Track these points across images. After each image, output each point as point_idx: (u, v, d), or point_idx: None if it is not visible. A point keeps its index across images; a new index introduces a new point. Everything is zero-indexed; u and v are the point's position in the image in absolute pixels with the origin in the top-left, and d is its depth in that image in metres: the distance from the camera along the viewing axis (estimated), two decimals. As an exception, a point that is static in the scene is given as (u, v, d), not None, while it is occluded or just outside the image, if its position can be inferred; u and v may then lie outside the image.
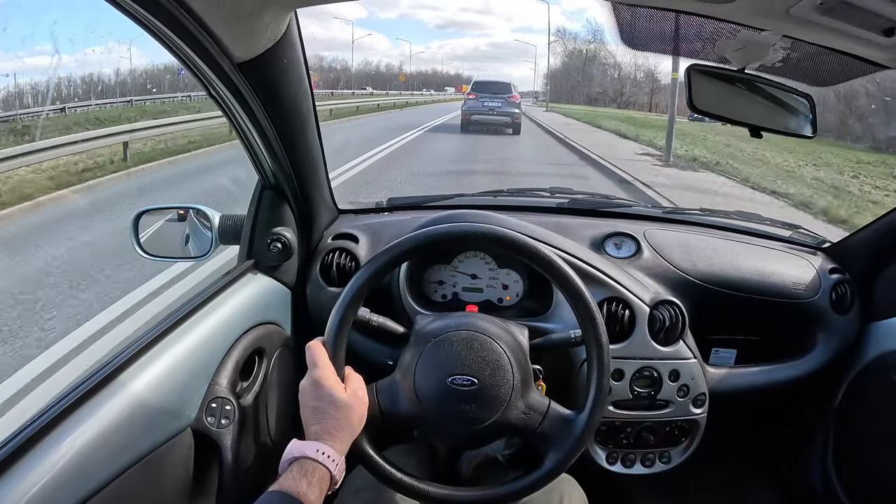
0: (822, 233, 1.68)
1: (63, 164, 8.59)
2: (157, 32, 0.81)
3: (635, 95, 52.10)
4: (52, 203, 7.19)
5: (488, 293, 1.45)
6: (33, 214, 6.78)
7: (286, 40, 0.99)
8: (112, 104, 18.81)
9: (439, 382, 1.00)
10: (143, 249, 1.36)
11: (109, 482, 0.82)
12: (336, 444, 0.89)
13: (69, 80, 25.74)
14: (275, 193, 1.30)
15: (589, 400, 1.03)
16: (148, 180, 8.78)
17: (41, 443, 0.77)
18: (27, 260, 5.15)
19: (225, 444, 1.06)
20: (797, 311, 1.49)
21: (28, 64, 30.22)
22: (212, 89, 0.99)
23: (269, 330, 1.26)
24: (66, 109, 16.60)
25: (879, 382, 1.44)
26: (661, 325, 1.35)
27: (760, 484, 1.77)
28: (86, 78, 26.78)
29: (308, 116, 1.19)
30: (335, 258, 1.42)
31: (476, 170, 9.87)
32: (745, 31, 0.84)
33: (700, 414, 1.37)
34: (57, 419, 0.80)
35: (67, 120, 14.78)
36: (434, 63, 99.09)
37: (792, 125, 0.96)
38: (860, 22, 0.68)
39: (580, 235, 1.49)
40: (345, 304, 1.01)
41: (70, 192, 7.66)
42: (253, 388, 1.17)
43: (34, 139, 9.51)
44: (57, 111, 15.86)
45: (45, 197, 7.23)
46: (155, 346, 0.98)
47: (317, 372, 0.94)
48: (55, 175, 8.04)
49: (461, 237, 1.08)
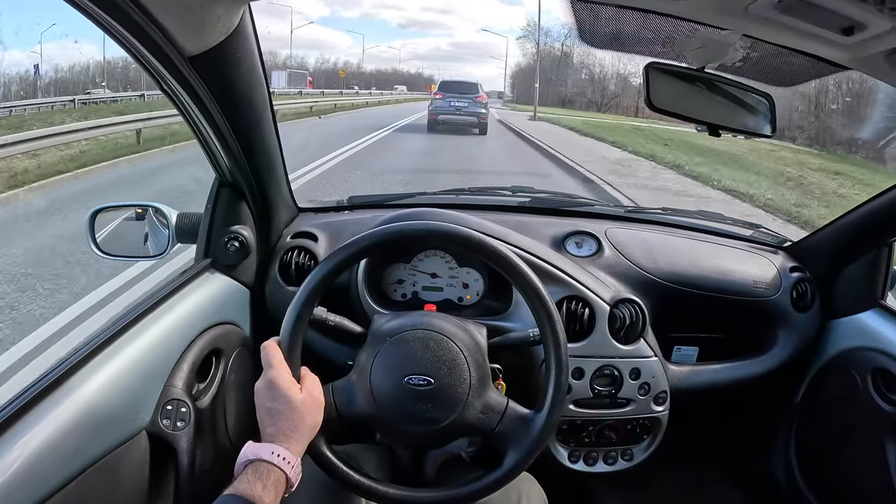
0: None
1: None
2: (106, 25, 0.78)
3: (618, 97, 45.30)
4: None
5: (448, 292, 1.45)
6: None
7: (239, 34, 0.96)
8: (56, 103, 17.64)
9: (395, 382, 0.99)
10: (100, 248, 1.33)
11: (62, 487, 0.80)
12: (292, 445, 0.88)
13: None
14: (232, 191, 1.28)
15: (547, 399, 1.02)
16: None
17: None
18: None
19: (181, 447, 1.04)
20: (758, 309, 1.50)
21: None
22: (164, 84, 0.97)
23: (227, 330, 1.24)
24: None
25: (840, 378, 1.46)
26: (621, 324, 1.36)
27: (724, 480, 1.79)
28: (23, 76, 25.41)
29: (263, 112, 1.17)
30: (294, 257, 1.40)
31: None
32: (704, 29, 0.83)
33: (661, 412, 1.38)
34: (6, 423, 0.78)
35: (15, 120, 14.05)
36: (394, 62, 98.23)
37: (751, 124, 0.96)
38: (819, 21, 0.67)
39: (541, 234, 1.49)
40: (300, 303, 1.00)
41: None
42: (210, 390, 1.15)
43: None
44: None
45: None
46: (108, 347, 0.95)
47: (272, 372, 0.93)
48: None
49: (417, 235, 1.07)
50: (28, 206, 7.15)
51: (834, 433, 1.47)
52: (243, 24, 0.96)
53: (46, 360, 3.15)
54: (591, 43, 0.98)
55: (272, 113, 1.21)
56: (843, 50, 0.74)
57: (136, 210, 1.38)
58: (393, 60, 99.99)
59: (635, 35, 0.92)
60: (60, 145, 9.74)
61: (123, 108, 15.28)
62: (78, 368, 0.89)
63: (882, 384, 1.35)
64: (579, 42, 45.38)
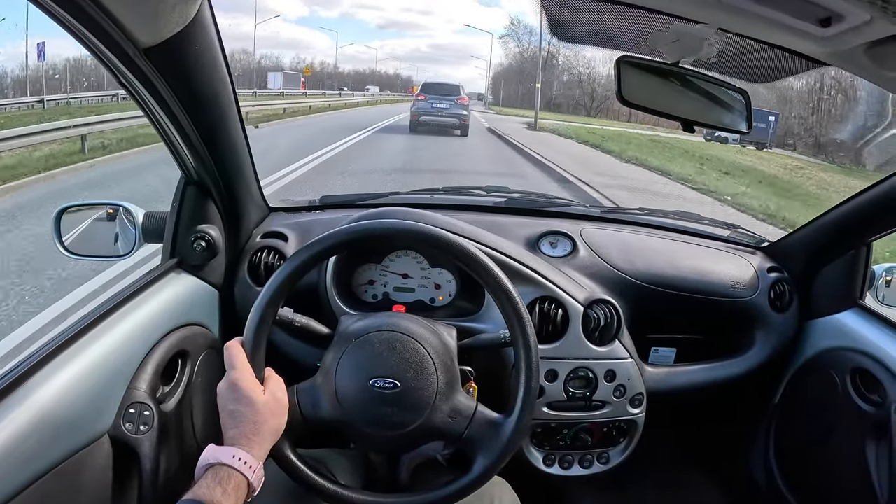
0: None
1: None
2: (59, 17, 0.76)
3: (608, 100, 40.34)
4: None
5: (420, 293, 1.43)
6: None
7: (197, 24, 0.93)
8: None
9: (360, 385, 0.98)
10: (67, 248, 1.30)
11: (18, 492, 0.78)
12: (254, 449, 0.86)
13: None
14: (198, 189, 1.25)
15: (517, 403, 1.01)
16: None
17: None
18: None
19: (144, 452, 1.01)
20: (736, 310, 1.50)
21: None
22: (121, 78, 0.94)
23: (194, 332, 1.21)
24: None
25: (818, 379, 1.46)
26: (595, 325, 1.34)
27: (703, 481, 1.79)
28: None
29: (228, 107, 1.14)
30: (263, 257, 1.38)
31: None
32: (678, 23, 0.81)
33: (638, 414, 1.37)
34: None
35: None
36: (372, 62, 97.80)
37: (727, 120, 0.94)
38: (795, 11, 0.65)
39: (515, 234, 1.47)
40: (263, 303, 0.98)
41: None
42: (176, 393, 1.13)
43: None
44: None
45: None
46: (68, 348, 0.93)
47: (234, 374, 0.91)
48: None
49: (385, 234, 1.06)
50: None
51: (813, 433, 1.47)
52: (201, 15, 0.93)
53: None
54: (564, 38, 0.96)
55: (238, 110, 1.18)
56: (820, 43, 0.72)
57: (108, 210, 1.35)
58: (370, 61, 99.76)
59: (608, 29, 0.91)
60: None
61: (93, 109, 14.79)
62: (37, 370, 0.87)
63: (861, 384, 1.35)
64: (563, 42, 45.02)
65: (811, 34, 0.69)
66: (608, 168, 12.64)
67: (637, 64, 0.88)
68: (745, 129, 0.96)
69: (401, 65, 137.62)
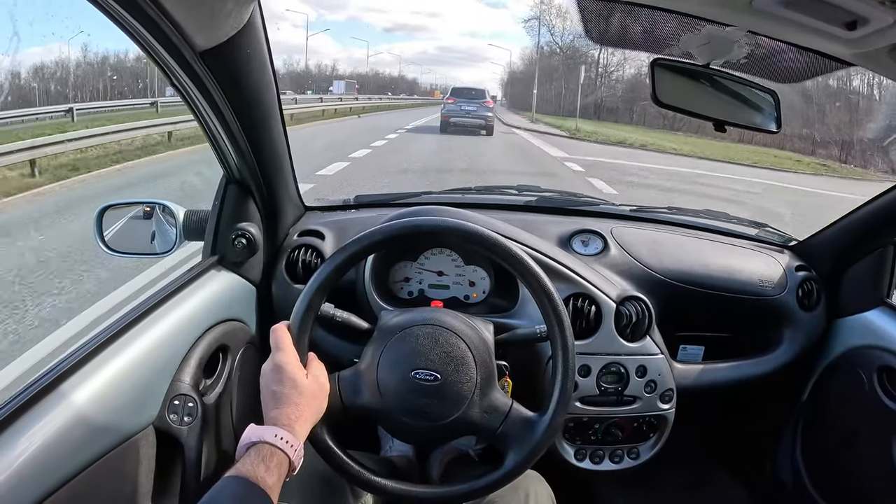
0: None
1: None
2: (118, 18, 0.79)
3: (644, 103, 26.95)
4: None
5: (455, 290, 1.45)
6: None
7: (249, 29, 0.97)
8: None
9: (402, 376, 0.99)
10: (107, 245, 1.33)
11: (69, 480, 0.81)
12: (295, 429, 0.88)
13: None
14: (239, 188, 1.28)
15: (552, 402, 1.02)
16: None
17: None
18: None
19: (188, 442, 1.04)
20: (764, 308, 1.50)
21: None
22: (174, 79, 0.97)
23: (234, 327, 1.24)
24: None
25: (846, 378, 1.45)
26: (627, 321, 1.36)
27: (729, 479, 1.78)
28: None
29: (272, 108, 1.17)
30: (301, 255, 1.41)
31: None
32: (709, 26, 0.83)
33: (668, 409, 1.37)
34: (13, 415, 0.78)
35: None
36: (378, 66, 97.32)
37: (756, 120, 0.96)
38: (822, 15, 0.68)
39: (547, 233, 1.49)
40: (312, 290, 0.99)
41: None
42: (217, 386, 1.16)
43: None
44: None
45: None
46: (115, 341, 0.95)
47: (279, 355, 0.93)
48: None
49: (428, 231, 1.07)
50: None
51: (840, 432, 1.47)
52: (253, 20, 0.97)
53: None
54: (598, 41, 1.00)
55: (281, 112, 1.22)
56: (846, 45, 0.75)
57: (145, 208, 1.38)
58: (378, 64, 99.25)
59: (641, 32, 0.93)
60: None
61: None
62: (86, 362, 0.89)
63: (888, 383, 1.35)
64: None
65: (838, 36, 0.72)
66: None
67: (669, 66, 0.90)
68: (775, 129, 0.98)
69: (409, 68, 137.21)
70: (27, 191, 7.41)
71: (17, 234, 5.87)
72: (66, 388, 0.85)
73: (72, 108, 13.29)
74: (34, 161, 8.06)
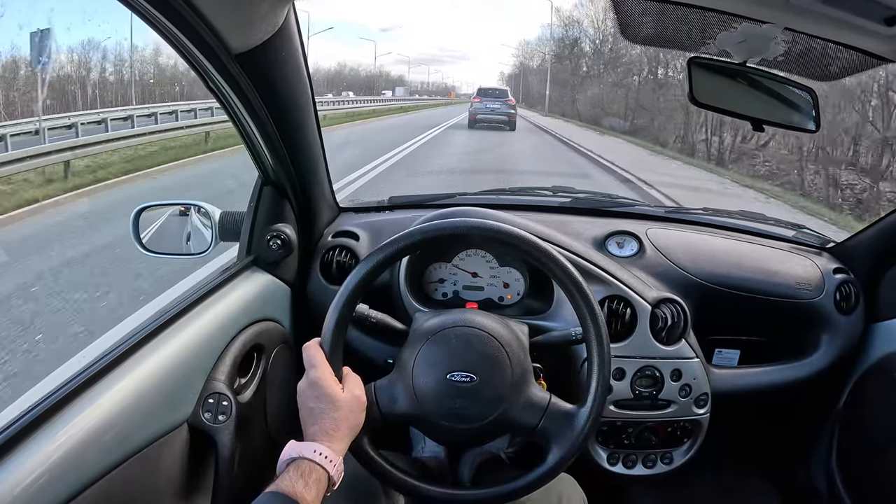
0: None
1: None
2: (154, 22, 0.81)
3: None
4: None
5: (489, 291, 1.45)
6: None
7: (284, 32, 0.99)
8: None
9: (437, 379, 0.99)
10: (144, 245, 1.35)
11: (104, 475, 0.82)
12: (334, 444, 0.89)
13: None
14: (275, 189, 1.30)
15: (590, 394, 1.01)
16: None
17: (35, 434, 0.77)
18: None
19: (221, 440, 1.05)
20: (801, 312, 1.48)
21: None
22: (210, 82, 0.99)
23: (269, 327, 1.25)
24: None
25: (884, 383, 1.43)
26: (662, 324, 1.35)
27: (764, 486, 1.75)
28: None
29: (307, 111, 1.19)
30: (335, 256, 1.42)
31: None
32: (746, 23, 0.83)
33: (702, 414, 1.36)
34: (52, 410, 0.80)
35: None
36: (372, 65, 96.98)
37: (794, 119, 0.95)
38: (860, 10, 0.67)
39: (582, 234, 1.48)
40: (341, 303, 1.00)
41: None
42: (251, 385, 1.17)
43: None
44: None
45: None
46: (152, 340, 0.97)
47: (314, 373, 0.93)
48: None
49: (462, 233, 1.06)
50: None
51: (877, 440, 1.44)
52: (287, 23, 0.99)
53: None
54: (634, 39, 0.99)
55: (315, 113, 1.23)
56: (885, 41, 0.74)
57: (180, 209, 1.40)
58: (371, 64, 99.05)
59: (678, 30, 0.93)
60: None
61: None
62: (122, 360, 0.91)
63: None
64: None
65: (876, 32, 0.71)
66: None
67: (706, 65, 0.90)
68: (814, 129, 0.97)
69: (405, 67, 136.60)
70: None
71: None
72: (103, 384, 0.87)
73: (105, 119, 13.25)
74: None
